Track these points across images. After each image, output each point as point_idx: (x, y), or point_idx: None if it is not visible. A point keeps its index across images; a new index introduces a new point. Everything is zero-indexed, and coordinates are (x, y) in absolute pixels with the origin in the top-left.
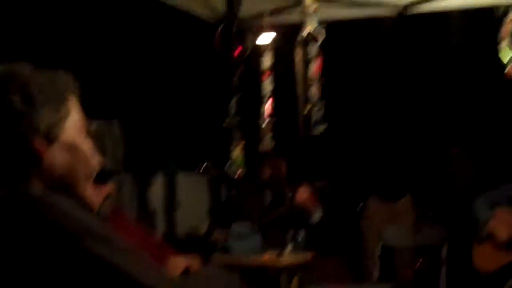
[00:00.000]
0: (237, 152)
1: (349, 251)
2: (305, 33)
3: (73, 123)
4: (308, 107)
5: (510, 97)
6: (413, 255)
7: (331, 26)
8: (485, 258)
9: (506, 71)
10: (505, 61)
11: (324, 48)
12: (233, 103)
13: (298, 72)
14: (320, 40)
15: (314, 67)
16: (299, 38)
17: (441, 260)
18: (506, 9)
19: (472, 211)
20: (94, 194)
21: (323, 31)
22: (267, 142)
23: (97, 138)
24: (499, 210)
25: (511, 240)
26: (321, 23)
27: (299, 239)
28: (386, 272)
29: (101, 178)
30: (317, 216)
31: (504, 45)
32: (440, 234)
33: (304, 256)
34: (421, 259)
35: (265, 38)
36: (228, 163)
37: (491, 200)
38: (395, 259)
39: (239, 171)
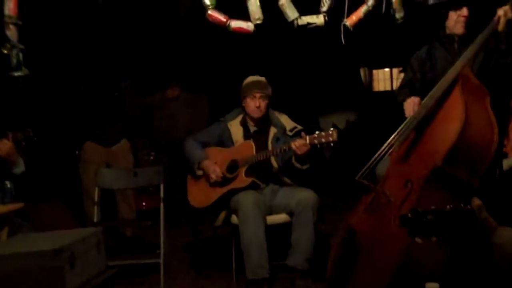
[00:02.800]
0: None
1: (70, 196)
2: None
3: None
4: (6, 49)
5: None
6: (134, 195)
7: None
8: (199, 194)
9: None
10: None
11: None
12: None
13: None
14: None
15: (10, 6)
16: None
17: (160, 198)
18: None
19: (184, 151)
20: None
21: None
22: None
23: None
24: (210, 149)
25: (223, 178)
26: None
27: (6, 190)
28: (107, 214)
29: None
30: (21, 166)
31: None
32: (158, 175)
33: (11, 207)
34: (144, 199)
35: None
36: None
37: (200, 140)
38: (116, 201)
39: None
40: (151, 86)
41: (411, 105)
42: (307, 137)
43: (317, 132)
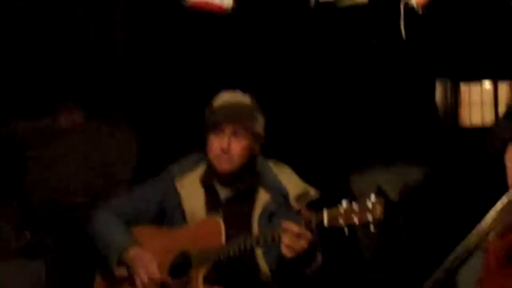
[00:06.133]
0: None
1: None
2: None
3: None
4: None
5: None
6: None
7: None
8: None
9: None
10: None
11: None
12: None
13: None
14: None
15: None
16: None
17: None
18: None
19: (92, 230)
20: None
21: None
22: None
23: None
24: (140, 230)
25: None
26: None
27: None
28: None
29: None
30: None
31: None
32: (34, 280)
33: None
34: None
35: None
36: None
37: (122, 210)
38: None
39: None
40: (27, 105)
41: None
42: (325, 213)
43: (344, 204)
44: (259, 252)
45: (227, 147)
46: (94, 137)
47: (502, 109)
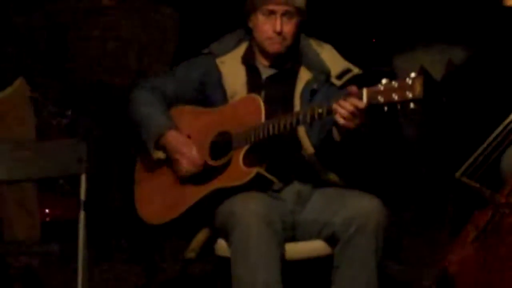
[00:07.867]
0: None
1: None
2: None
3: None
4: None
5: None
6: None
7: None
8: (157, 198)
9: None
10: None
11: None
12: None
13: None
14: None
15: None
16: None
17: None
18: None
19: (131, 110)
20: None
21: None
22: None
23: None
24: (180, 110)
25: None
26: None
27: None
28: None
29: None
30: None
31: None
32: (77, 156)
33: None
34: (47, 203)
35: None
36: None
37: (162, 89)
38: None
39: None
40: None
41: None
42: (365, 91)
43: (384, 82)
44: (301, 129)
45: (281, 29)
46: (136, 14)
47: None
